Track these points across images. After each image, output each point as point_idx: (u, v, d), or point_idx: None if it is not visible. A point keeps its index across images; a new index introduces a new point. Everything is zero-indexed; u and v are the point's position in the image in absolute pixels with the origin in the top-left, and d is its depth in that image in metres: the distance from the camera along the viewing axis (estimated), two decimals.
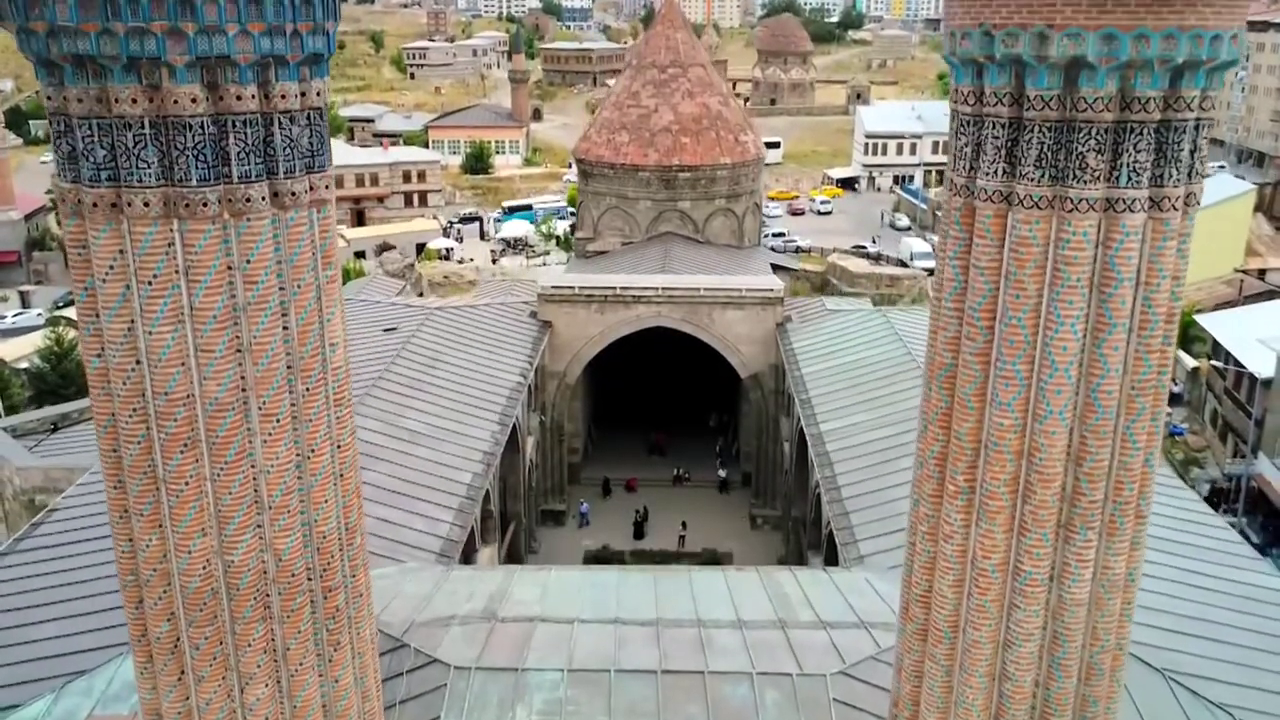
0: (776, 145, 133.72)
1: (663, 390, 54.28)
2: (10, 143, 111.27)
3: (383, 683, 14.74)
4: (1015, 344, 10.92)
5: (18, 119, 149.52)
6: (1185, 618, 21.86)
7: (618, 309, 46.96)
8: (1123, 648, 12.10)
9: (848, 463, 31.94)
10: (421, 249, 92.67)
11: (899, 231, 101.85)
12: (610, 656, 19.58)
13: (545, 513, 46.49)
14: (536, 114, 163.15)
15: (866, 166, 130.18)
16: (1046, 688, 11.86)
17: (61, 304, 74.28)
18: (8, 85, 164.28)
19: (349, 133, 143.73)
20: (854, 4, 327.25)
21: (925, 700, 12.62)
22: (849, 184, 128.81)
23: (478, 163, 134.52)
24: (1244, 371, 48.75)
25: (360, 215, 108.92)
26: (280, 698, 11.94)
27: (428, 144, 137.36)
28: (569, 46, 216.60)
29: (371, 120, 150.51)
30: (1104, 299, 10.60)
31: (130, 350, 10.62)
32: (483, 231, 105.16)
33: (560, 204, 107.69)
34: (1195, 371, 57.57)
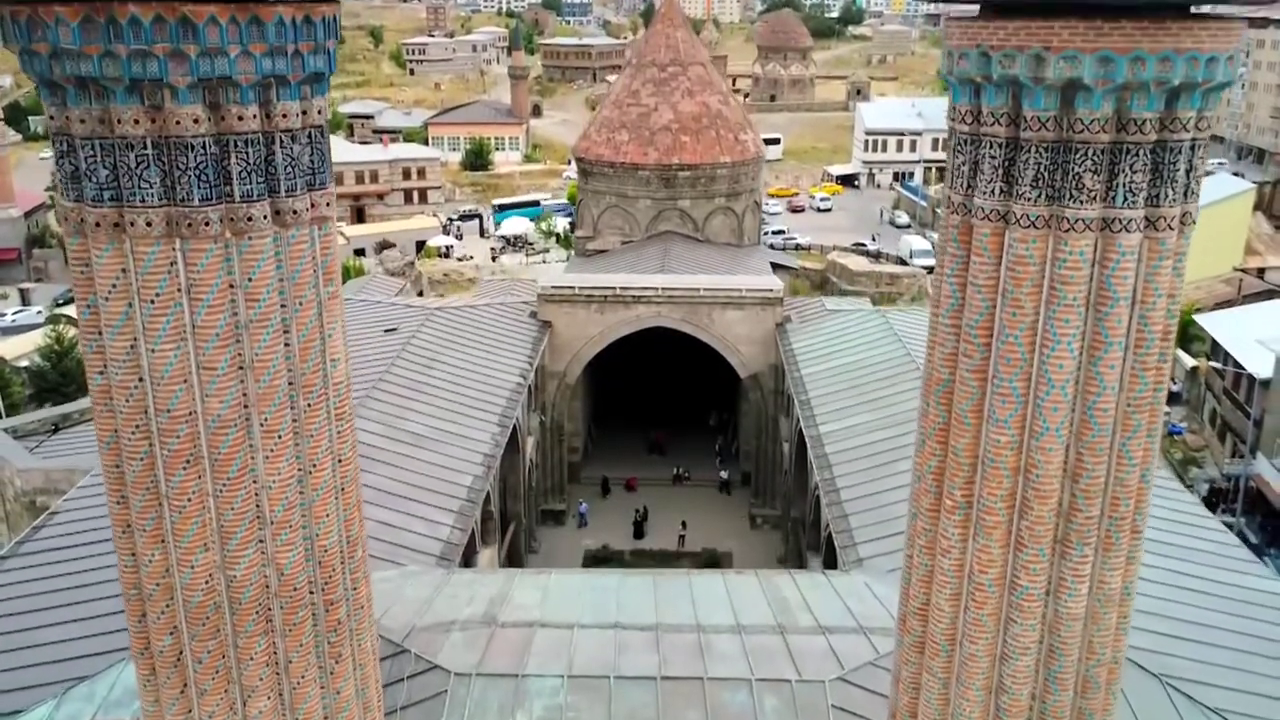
0: (776, 141, 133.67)
1: (662, 389, 54.37)
2: (9, 139, 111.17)
3: (384, 689, 14.85)
4: (1012, 361, 10.99)
5: (17, 114, 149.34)
6: (1181, 622, 21.95)
7: (617, 309, 47.03)
8: (1119, 661, 12.18)
9: (846, 465, 32.03)
10: (421, 246, 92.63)
11: (899, 229, 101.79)
12: (610, 662, 19.70)
13: (545, 512, 46.62)
14: (536, 110, 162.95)
15: (866, 163, 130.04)
16: (1043, 701, 11.95)
17: (62, 301, 74.23)
18: (7, 81, 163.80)
19: (349, 129, 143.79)
20: None
21: (922, 712, 12.71)
22: (849, 180, 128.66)
23: (477, 159, 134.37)
24: (1243, 372, 48.83)
25: (360, 212, 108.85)
26: (283, 710, 12.02)
27: (428, 140, 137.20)
28: (569, 42, 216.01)
29: (371, 117, 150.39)
30: (1100, 317, 10.66)
31: (133, 368, 10.68)
32: (482, 229, 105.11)
33: (554, 202, 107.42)
34: (1194, 371, 57.64)
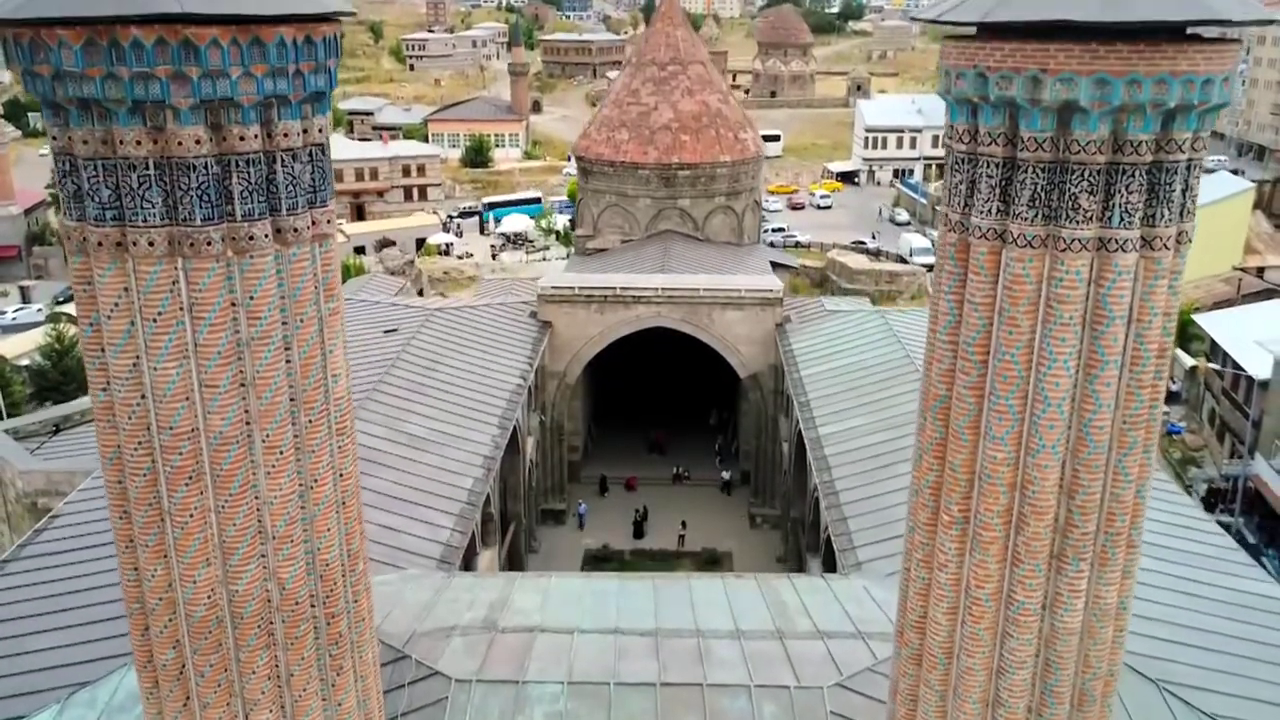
0: (776, 138, 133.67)
1: (662, 389, 54.44)
2: (9, 135, 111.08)
3: (384, 696, 14.94)
4: (1009, 379, 11.06)
5: (16, 111, 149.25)
6: (1179, 627, 21.99)
7: (617, 309, 47.09)
8: (1115, 674, 12.27)
9: (846, 467, 32.09)
10: (421, 244, 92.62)
11: (898, 226, 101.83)
12: (610, 668, 19.75)
13: (545, 512, 46.72)
14: (536, 106, 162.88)
15: (866, 160, 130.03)
16: (1039, 714, 12.05)
17: (62, 299, 74.26)
18: (6, 77, 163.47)
19: (348, 126, 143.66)
20: None
21: None
22: (849, 178, 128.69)
23: (477, 156, 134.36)
24: (1241, 373, 48.90)
25: (360, 210, 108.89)
26: None
27: (427, 137, 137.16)
28: (569, 38, 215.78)
29: (371, 113, 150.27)
30: (1096, 336, 10.74)
31: (135, 385, 10.76)
32: (482, 226, 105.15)
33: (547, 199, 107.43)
34: (1193, 370, 57.70)
